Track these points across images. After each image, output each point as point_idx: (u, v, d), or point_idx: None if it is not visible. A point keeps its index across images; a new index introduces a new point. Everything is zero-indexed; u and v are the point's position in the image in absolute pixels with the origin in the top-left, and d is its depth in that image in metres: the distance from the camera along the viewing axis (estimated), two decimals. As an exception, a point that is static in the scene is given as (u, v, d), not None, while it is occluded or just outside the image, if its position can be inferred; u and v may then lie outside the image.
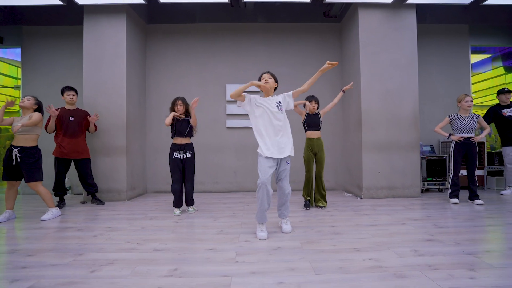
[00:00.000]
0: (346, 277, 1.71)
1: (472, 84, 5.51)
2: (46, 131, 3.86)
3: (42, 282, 1.68)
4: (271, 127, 2.52)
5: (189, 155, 3.46)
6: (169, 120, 3.37)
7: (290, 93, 2.69)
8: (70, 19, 5.04)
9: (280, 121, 2.54)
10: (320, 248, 2.21)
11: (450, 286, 1.57)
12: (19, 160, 3.13)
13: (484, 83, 6.11)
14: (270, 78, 2.63)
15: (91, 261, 2.01)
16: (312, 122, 3.63)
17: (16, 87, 5.53)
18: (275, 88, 2.71)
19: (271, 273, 1.77)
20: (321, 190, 3.70)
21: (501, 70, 6.03)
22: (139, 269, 1.85)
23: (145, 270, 1.85)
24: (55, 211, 3.37)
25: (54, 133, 3.92)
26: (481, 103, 6.12)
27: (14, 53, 5.64)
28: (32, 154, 3.20)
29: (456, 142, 3.85)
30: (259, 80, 2.65)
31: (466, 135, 3.82)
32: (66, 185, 5.03)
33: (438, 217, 3.15)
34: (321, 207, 3.67)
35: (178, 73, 5.23)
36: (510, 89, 4.50)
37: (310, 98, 3.65)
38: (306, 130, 3.69)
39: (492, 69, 5.96)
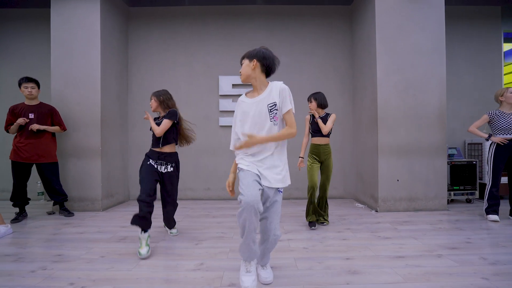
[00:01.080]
0: None
1: (506, 74, 4.77)
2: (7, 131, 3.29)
3: None
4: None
5: (171, 169, 2.56)
6: (154, 127, 2.50)
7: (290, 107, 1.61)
8: (38, 1, 4.39)
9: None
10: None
11: None
12: None
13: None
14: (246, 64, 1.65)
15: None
16: (317, 127, 2.93)
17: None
18: (268, 74, 1.68)
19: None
20: (325, 204, 3.06)
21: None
22: None
23: None
24: (3, 229, 2.75)
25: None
26: None
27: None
28: None
29: (497, 145, 3.15)
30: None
31: (510, 136, 3.11)
32: (38, 191, 4.44)
33: (481, 244, 2.46)
34: (322, 223, 3.05)
35: (164, 63, 4.56)
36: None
37: (314, 96, 2.96)
38: (312, 136, 3.03)
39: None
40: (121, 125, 4.36)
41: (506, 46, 4.89)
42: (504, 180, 3.58)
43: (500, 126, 3.13)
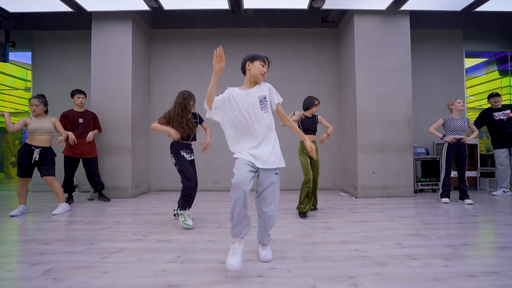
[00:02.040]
0: (332, 264, 1.89)
1: (468, 88, 5.67)
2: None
3: (60, 265, 1.88)
4: (247, 131, 1.91)
5: (193, 157, 3.10)
6: (173, 133, 2.92)
7: (279, 100, 2.02)
8: (78, 24, 5.27)
9: (260, 126, 1.89)
10: (311, 241, 2.39)
11: (424, 272, 1.74)
12: (37, 158, 3.36)
13: (480, 87, 6.25)
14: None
15: (101, 249, 2.20)
16: (308, 124, 3.37)
17: (27, 89, 5.77)
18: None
19: (265, 260, 1.95)
20: (315, 195, 3.46)
21: (496, 74, 6.17)
22: (145, 256, 2.05)
23: (150, 257, 2.04)
24: (65, 206, 3.58)
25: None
26: (479, 105, 6.26)
27: (25, 56, 5.89)
28: (50, 153, 3.53)
29: (448, 143, 4.01)
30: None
31: (458, 136, 3.98)
32: (74, 183, 5.26)
33: (427, 215, 3.32)
34: (312, 210, 3.50)
35: (180, 76, 5.44)
36: (501, 93, 4.65)
37: (316, 99, 3.42)
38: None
39: (486, 73, 6.11)
40: (145, 127, 5.21)
41: (468, 63, 5.81)
42: (455, 173, 4.44)
43: (451, 128, 4.01)
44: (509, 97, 6.00)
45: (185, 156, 2.99)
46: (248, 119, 1.88)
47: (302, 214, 3.22)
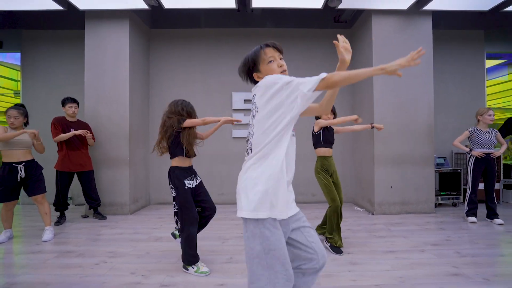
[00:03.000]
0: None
1: (488, 87, 5.32)
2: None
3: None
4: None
5: (200, 180, 2.49)
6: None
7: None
8: (70, 23, 4.85)
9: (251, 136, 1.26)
10: (339, 285, 2.05)
11: None
12: (23, 175, 2.98)
13: (500, 86, 5.91)
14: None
15: (93, 301, 1.86)
16: (330, 137, 2.91)
17: (16, 93, 5.37)
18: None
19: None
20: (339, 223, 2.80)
21: (516, 77, 5.83)
22: (146, 315, 1.70)
23: (152, 316, 1.69)
24: (51, 230, 3.19)
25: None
26: (499, 103, 5.91)
27: (14, 58, 5.48)
28: (37, 167, 3.15)
29: (475, 157, 3.67)
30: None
31: (486, 151, 3.64)
32: (68, 196, 4.90)
33: (458, 241, 2.98)
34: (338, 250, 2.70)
35: (182, 80, 5.05)
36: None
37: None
38: (319, 146, 2.89)
39: (508, 74, 5.75)
40: (143, 136, 4.84)
41: (488, 63, 5.45)
42: (481, 186, 4.11)
43: (478, 141, 3.66)
44: (531, 102, 5.66)
45: (190, 185, 2.32)
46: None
47: (337, 249, 2.65)
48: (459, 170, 4.61)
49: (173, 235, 2.41)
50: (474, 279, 2.12)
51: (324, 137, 2.89)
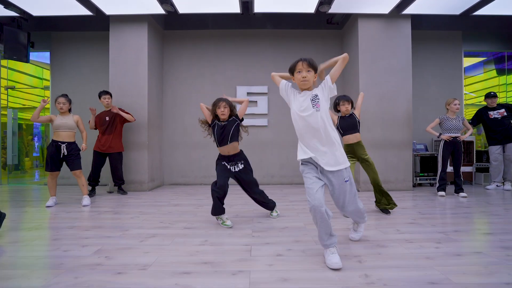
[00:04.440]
0: (339, 246, 2.19)
1: (467, 85, 5.94)
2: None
3: (106, 247, 2.20)
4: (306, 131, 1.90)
5: (242, 166, 2.94)
6: None
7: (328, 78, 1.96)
8: (95, 25, 5.52)
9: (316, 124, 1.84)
10: (320, 228, 2.70)
11: (418, 252, 2.05)
12: (65, 153, 3.66)
13: (478, 85, 6.51)
14: (309, 71, 1.93)
15: (137, 234, 2.52)
16: (347, 124, 3.20)
17: (46, 88, 6.06)
18: None
19: (282, 243, 2.27)
20: (385, 194, 3.23)
21: (494, 72, 6.42)
22: (177, 240, 2.36)
23: (181, 241, 2.35)
24: (88, 197, 3.89)
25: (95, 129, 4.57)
26: (479, 102, 6.51)
27: (42, 56, 6.16)
28: (75, 148, 3.80)
29: (444, 141, 4.30)
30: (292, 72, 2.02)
31: (454, 135, 4.27)
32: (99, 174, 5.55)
33: (424, 206, 3.63)
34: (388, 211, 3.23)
35: (192, 75, 5.71)
36: (499, 90, 4.92)
37: (342, 98, 3.24)
38: (342, 135, 3.22)
39: (484, 72, 6.36)
40: (159, 124, 5.51)
41: (467, 62, 6.06)
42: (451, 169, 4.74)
43: (447, 127, 4.29)
44: (505, 94, 6.27)
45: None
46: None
47: (385, 211, 3.24)
48: (436, 155, 5.24)
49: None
50: (424, 225, 2.76)
51: (341, 126, 3.26)
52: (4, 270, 1.80)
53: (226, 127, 2.84)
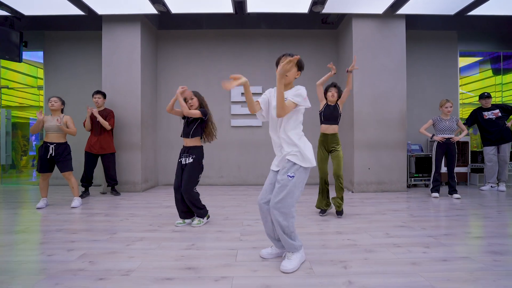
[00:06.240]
0: (326, 251, 2.19)
1: (463, 85, 5.93)
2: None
3: (91, 251, 2.18)
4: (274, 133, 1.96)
5: (191, 160, 2.85)
6: None
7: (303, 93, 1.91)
8: (88, 25, 5.47)
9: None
10: (308, 231, 2.69)
11: (405, 257, 2.04)
12: (53, 154, 3.64)
13: (475, 84, 6.48)
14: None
15: (124, 238, 2.50)
16: (330, 114, 3.20)
17: (39, 87, 6.02)
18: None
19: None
20: (340, 193, 3.15)
21: (490, 72, 6.39)
22: (164, 244, 2.34)
23: (168, 244, 2.34)
24: (79, 199, 3.86)
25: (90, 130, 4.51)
26: (476, 101, 6.50)
27: (36, 56, 6.11)
28: (65, 149, 3.77)
29: (438, 142, 4.29)
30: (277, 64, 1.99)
31: (447, 136, 4.25)
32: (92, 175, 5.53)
33: (416, 208, 3.61)
34: (338, 214, 3.19)
35: (186, 75, 5.68)
36: (495, 90, 4.89)
37: (331, 85, 3.28)
38: (321, 123, 3.26)
39: (479, 72, 6.33)
40: (152, 125, 5.48)
41: (462, 62, 6.03)
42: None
43: (440, 128, 4.27)
44: (501, 94, 6.24)
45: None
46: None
47: (321, 211, 3.28)
48: (430, 155, 5.21)
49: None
50: (414, 229, 2.75)
51: (324, 114, 3.24)
52: (-15, 276, 1.79)
53: (191, 123, 2.96)
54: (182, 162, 2.91)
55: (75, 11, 4.56)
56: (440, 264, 1.92)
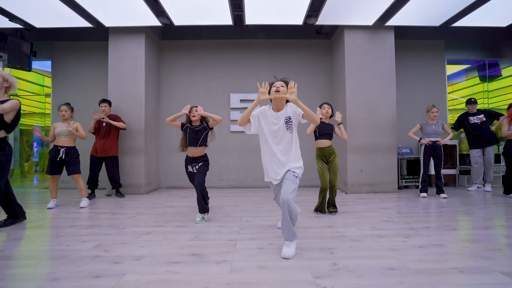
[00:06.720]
0: (316, 241, 2.43)
1: (452, 92, 6.22)
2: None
3: (104, 242, 2.41)
4: (275, 148, 2.25)
5: (200, 164, 3.20)
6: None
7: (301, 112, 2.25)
8: (95, 36, 5.78)
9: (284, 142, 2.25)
10: (302, 226, 2.93)
11: (386, 245, 2.28)
12: (63, 157, 3.89)
13: (464, 91, 6.79)
14: (283, 86, 2.25)
15: (132, 232, 2.74)
16: (324, 129, 3.50)
17: (47, 95, 6.30)
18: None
19: (265, 239, 2.49)
20: (333, 198, 3.50)
21: (477, 79, 6.70)
22: (170, 236, 2.58)
23: (173, 237, 2.57)
24: (87, 200, 4.10)
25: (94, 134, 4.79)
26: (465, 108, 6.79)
27: (44, 65, 6.41)
28: (74, 152, 4.01)
29: (425, 145, 4.55)
30: (269, 90, 2.27)
31: (433, 139, 4.52)
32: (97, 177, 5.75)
33: (404, 207, 3.86)
34: (333, 212, 3.48)
35: (187, 83, 5.97)
36: (484, 96, 5.18)
37: (324, 103, 3.60)
38: (316, 139, 3.55)
39: (466, 79, 6.65)
40: (155, 131, 5.75)
41: (450, 70, 6.35)
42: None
43: (426, 132, 4.55)
44: (487, 101, 6.55)
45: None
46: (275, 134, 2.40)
47: (318, 211, 3.50)
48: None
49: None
50: (398, 223, 2.99)
51: (319, 130, 3.51)
52: (13, 260, 2.02)
53: (199, 132, 3.23)
54: (192, 171, 3.24)
55: (84, 23, 4.86)
56: (415, 250, 2.16)
